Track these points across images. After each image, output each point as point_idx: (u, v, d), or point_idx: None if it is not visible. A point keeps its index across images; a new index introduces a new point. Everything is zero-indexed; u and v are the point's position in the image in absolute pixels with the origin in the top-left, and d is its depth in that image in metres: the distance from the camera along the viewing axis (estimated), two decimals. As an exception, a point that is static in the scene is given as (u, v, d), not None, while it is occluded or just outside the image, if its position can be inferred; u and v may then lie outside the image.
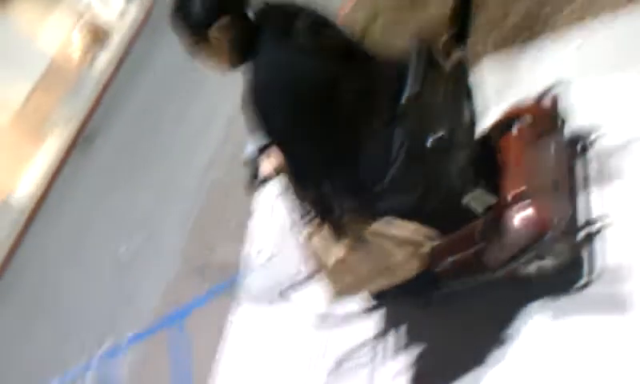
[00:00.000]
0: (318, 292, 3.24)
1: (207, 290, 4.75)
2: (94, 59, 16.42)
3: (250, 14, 2.08)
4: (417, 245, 2.19)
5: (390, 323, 2.99)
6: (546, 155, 2.44)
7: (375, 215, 2.18)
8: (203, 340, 4.43)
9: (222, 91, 7.70)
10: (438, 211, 2.19)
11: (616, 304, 2.22)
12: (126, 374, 5.43)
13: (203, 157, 6.85)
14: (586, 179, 2.54)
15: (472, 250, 2.37)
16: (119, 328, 5.96)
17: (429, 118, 2.11)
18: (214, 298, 4.61)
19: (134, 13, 16.36)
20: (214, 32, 2.04)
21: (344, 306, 3.14)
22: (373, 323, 3.04)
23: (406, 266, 2.22)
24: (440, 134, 2.04)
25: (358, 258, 2.21)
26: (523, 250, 2.25)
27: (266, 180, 2.43)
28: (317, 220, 2.28)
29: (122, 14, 16.96)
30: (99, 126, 12.73)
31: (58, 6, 16.39)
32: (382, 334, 3.00)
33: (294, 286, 3.00)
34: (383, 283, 2.29)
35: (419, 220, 2.19)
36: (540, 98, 2.63)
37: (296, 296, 3.08)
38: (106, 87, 14.47)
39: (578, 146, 2.63)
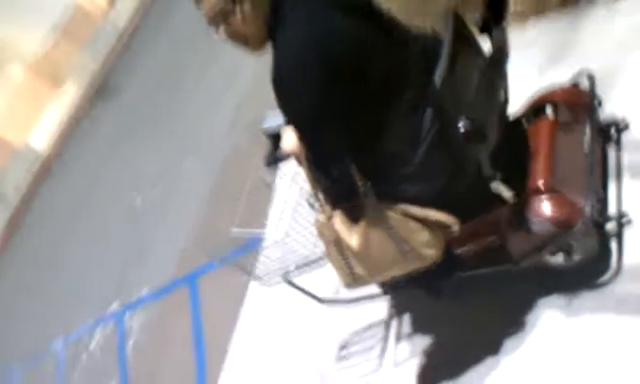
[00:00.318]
0: (328, 275, 3.24)
1: (219, 256, 4.76)
2: (117, 7, 16.27)
3: None
4: (443, 227, 2.12)
5: (401, 309, 2.96)
6: (579, 143, 2.35)
7: (400, 199, 2.11)
8: (217, 302, 4.45)
9: (237, 63, 7.63)
10: (465, 197, 2.12)
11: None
12: (136, 330, 5.49)
13: (225, 115, 6.80)
14: (618, 168, 2.44)
15: (496, 238, 2.32)
16: (133, 284, 6.01)
17: (461, 101, 2.03)
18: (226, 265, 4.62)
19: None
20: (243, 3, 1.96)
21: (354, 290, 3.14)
22: (383, 308, 3.01)
23: (428, 250, 2.15)
24: (472, 118, 1.95)
25: (381, 239, 2.15)
26: (550, 241, 2.19)
27: (287, 156, 2.37)
28: (337, 203, 2.23)
29: None
30: (120, 77, 12.71)
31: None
32: (392, 319, 2.96)
33: (304, 267, 2.95)
34: (404, 268, 2.23)
35: (444, 206, 2.12)
36: (575, 81, 2.54)
37: (305, 278, 3.03)
38: (130, 37, 14.34)
39: (612, 131, 2.53)
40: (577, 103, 2.45)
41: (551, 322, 2.31)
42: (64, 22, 16.02)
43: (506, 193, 2.15)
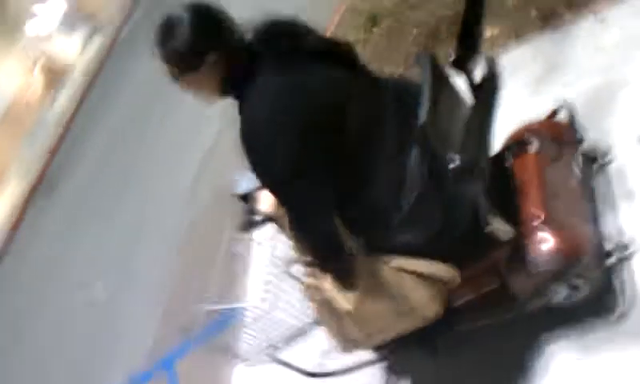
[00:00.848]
0: (315, 344, 3.04)
1: (194, 334, 4.50)
2: (54, 100, 16.17)
3: (246, 39, 1.86)
4: (441, 281, 1.97)
5: (396, 374, 2.74)
6: (567, 175, 2.26)
7: (391, 251, 1.96)
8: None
9: (196, 121, 7.52)
10: (459, 242, 1.98)
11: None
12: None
13: (180, 190, 6.58)
14: (608, 199, 2.35)
15: (496, 283, 2.18)
16: (104, 378, 5.63)
17: (448, 139, 1.91)
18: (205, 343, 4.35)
19: (93, 50, 16.15)
20: (205, 66, 1.83)
21: (341, 359, 2.94)
22: (376, 375, 2.77)
23: (429, 306, 1.99)
24: (462, 154, 1.83)
25: (377, 299, 1.98)
26: (557, 277, 2.06)
27: (264, 219, 2.21)
28: (325, 264, 2.06)
29: (82, 52, 16.77)
30: (62, 168, 12.39)
31: (13, 48, 16.11)
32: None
33: (291, 339, 2.75)
34: (403, 328, 2.07)
35: (438, 254, 1.98)
36: (554, 115, 2.46)
37: (289, 353, 2.82)
38: (67, 127, 14.17)
39: (597, 162, 2.45)
40: (559, 135, 2.36)
41: (565, 366, 2.16)
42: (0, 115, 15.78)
43: (505, 234, 2.02)
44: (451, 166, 1.82)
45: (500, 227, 2.00)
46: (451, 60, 2.13)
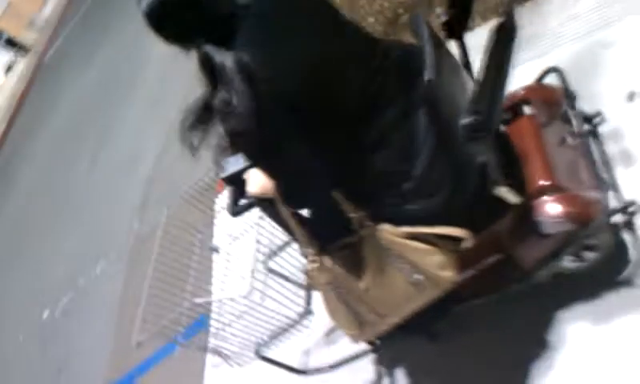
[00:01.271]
0: (298, 342, 2.87)
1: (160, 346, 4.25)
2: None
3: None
4: (453, 247, 1.84)
5: (392, 365, 2.59)
6: (563, 137, 2.18)
7: (401, 222, 1.82)
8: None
9: (139, 133, 7.25)
10: (467, 209, 1.86)
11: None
12: None
13: (131, 200, 6.29)
14: (605, 159, 2.28)
15: (500, 255, 2.07)
16: None
17: (453, 103, 1.79)
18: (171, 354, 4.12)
19: (17, 75, 15.59)
20: None
21: (334, 351, 2.78)
22: (370, 369, 2.64)
23: (444, 272, 1.85)
24: (474, 116, 1.70)
25: (389, 273, 1.84)
26: (566, 242, 1.97)
27: (254, 202, 2.04)
28: (328, 243, 1.90)
29: (5, 78, 16.17)
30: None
31: None
32: (382, 379, 2.60)
33: (278, 336, 2.57)
34: (419, 301, 1.92)
35: (447, 221, 1.85)
36: (541, 79, 2.39)
37: (278, 350, 2.65)
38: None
39: (590, 123, 2.39)
40: (550, 99, 2.29)
41: (579, 336, 2.06)
42: None
43: (513, 197, 1.91)
44: (463, 122, 1.69)
45: (508, 192, 1.90)
46: (443, 22, 2.03)
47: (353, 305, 1.93)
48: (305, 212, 1.96)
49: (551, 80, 2.38)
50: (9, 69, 16.42)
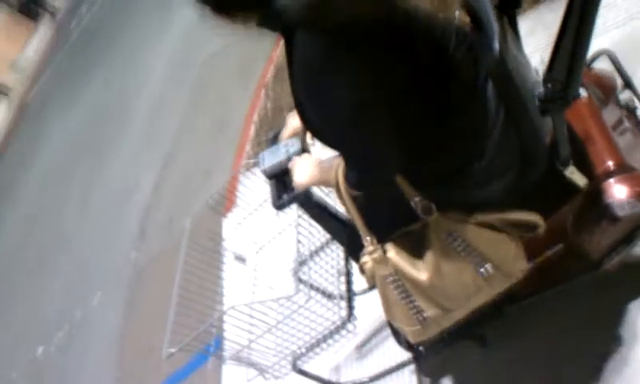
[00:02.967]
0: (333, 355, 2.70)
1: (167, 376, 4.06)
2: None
3: None
4: (525, 231, 1.70)
5: (437, 376, 2.44)
6: (620, 118, 2.09)
7: (470, 208, 1.68)
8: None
9: (132, 165, 7.12)
10: (536, 191, 1.73)
11: None
12: None
13: (121, 234, 6.29)
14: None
15: (562, 246, 1.94)
16: None
17: (523, 75, 1.67)
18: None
19: (1, 112, 15.45)
20: None
21: (359, 365, 2.62)
22: (413, 380, 2.50)
23: (515, 261, 1.72)
24: (549, 86, 1.57)
25: (456, 263, 1.69)
26: (635, 225, 1.85)
27: (298, 194, 1.91)
28: (388, 232, 1.76)
29: None
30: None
31: None
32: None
33: (319, 345, 2.41)
34: (488, 294, 1.77)
35: (516, 205, 1.71)
36: (592, 62, 2.29)
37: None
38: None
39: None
40: (602, 83, 2.19)
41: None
42: None
43: (581, 179, 1.78)
44: (539, 92, 1.57)
45: (577, 174, 1.77)
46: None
47: (414, 299, 1.77)
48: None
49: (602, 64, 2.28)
50: None
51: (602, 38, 2.59)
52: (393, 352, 2.47)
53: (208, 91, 6.35)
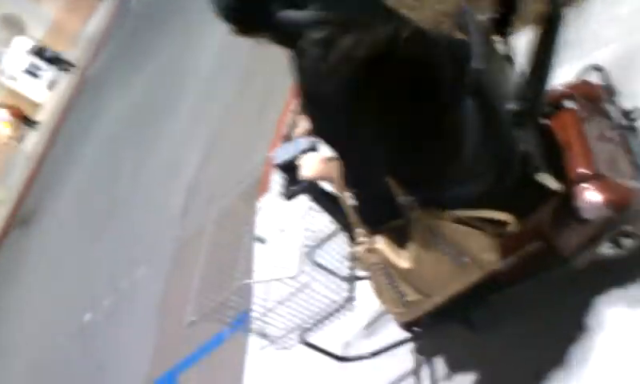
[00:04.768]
0: (344, 331, 2.96)
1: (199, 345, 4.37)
2: (23, 138, 16.03)
3: None
4: (497, 231, 1.93)
5: (429, 355, 2.69)
6: (604, 131, 2.26)
7: (448, 206, 1.92)
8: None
9: (180, 145, 7.46)
10: (512, 194, 1.95)
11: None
12: None
13: (166, 209, 6.60)
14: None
15: (539, 243, 2.15)
16: None
17: (500, 91, 1.90)
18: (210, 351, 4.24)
19: (62, 89, 16.07)
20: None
21: (374, 342, 2.86)
22: (408, 358, 2.74)
23: (488, 254, 1.96)
24: (521, 102, 1.81)
25: (434, 253, 1.95)
26: (605, 228, 2.05)
27: (306, 186, 2.18)
28: (378, 224, 2.01)
29: (50, 92, 16.66)
30: (37, 205, 12.14)
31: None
32: (420, 368, 2.69)
33: (322, 320, 2.68)
34: (462, 282, 2.02)
35: (492, 206, 1.95)
36: (584, 75, 2.48)
37: (320, 338, 2.74)
38: (40, 165, 14.01)
39: (630, 119, 2.46)
40: (591, 95, 2.37)
41: (616, 319, 2.13)
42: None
43: (554, 183, 1.99)
44: (510, 108, 1.80)
45: (549, 178, 1.99)
46: (491, 19, 2.13)
47: (399, 284, 2.03)
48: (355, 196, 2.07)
49: (594, 77, 2.46)
50: (52, 85, 16.93)
51: (603, 50, 2.75)
52: (396, 331, 2.68)
53: (255, 76, 6.53)
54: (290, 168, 2.22)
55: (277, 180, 2.94)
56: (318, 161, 2.12)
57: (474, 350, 2.52)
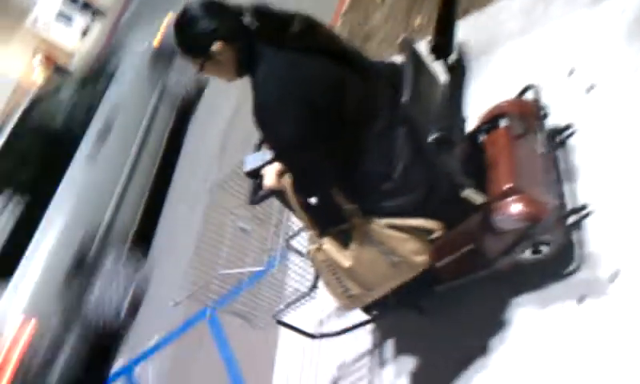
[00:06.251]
0: (313, 309, 3.35)
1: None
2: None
3: (246, 22, 2.13)
4: (426, 236, 2.29)
5: (386, 334, 3.09)
6: (532, 148, 2.56)
7: (384, 215, 2.27)
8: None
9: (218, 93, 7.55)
10: (440, 207, 2.29)
11: (603, 286, 2.33)
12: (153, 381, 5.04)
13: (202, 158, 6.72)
14: (568, 169, 2.67)
15: (471, 245, 2.49)
16: (135, 338, 5.62)
17: (428, 117, 2.23)
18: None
19: (94, 36, 16.12)
20: (213, 54, 2.13)
21: (338, 320, 3.26)
22: (368, 336, 3.13)
23: (418, 257, 2.31)
24: (439, 131, 2.14)
25: (371, 255, 2.30)
26: (521, 237, 2.37)
27: (269, 193, 2.50)
28: (325, 228, 2.38)
29: (82, 39, 16.68)
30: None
31: (14, 38, 16.09)
32: (378, 345, 3.08)
33: (294, 303, 3.05)
34: (396, 280, 2.39)
35: (425, 216, 2.29)
36: (521, 95, 2.78)
37: (291, 316, 3.13)
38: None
39: (558, 138, 2.78)
40: (526, 113, 2.67)
41: (526, 317, 2.49)
42: (7, 100, 15.88)
43: (478, 198, 2.32)
44: (431, 137, 2.14)
45: (473, 194, 2.31)
46: (430, 46, 2.43)
47: (342, 280, 2.40)
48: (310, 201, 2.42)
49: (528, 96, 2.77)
50: (85, 32, 16.96)
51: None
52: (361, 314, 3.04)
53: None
54: (256, 175, 2.50)
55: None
56: (275, 172, 2.39)
57: (421, 330, 2.90)
